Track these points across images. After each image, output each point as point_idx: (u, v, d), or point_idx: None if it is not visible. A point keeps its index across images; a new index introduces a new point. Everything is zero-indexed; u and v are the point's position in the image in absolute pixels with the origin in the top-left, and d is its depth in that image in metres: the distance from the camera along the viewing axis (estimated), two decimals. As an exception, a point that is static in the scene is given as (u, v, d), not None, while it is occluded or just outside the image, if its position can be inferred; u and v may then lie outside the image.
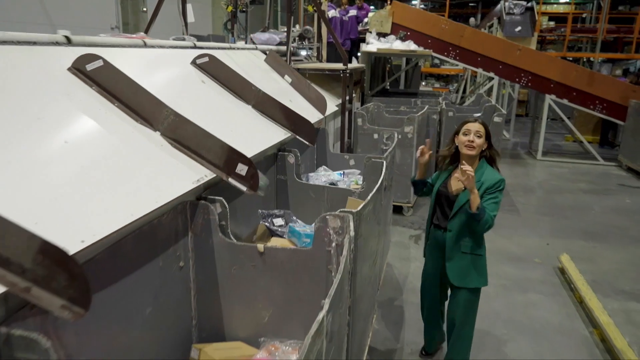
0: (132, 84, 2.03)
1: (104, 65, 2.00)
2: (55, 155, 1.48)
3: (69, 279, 1.07)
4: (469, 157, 2.42)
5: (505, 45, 8.17)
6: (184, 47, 3.13)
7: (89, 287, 1.09)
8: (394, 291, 3.66)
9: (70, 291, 1.08)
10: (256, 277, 2.00)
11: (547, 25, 15.80)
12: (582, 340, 3.08)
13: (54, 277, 1.06)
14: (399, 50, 6.60)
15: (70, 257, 1.06)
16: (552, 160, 8.38)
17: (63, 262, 1.06)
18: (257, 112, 2.98)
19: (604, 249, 4.53)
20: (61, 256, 1.06)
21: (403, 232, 4.90)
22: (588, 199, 6.19)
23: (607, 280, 3.89)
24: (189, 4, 5.01)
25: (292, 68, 4.23)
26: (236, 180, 2.05)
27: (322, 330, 1.15)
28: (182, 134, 2.00)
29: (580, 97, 8.08)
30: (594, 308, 3.25)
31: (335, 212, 1.87)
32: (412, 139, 5.16)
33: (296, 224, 2.27)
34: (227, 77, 3.00)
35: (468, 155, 2.42)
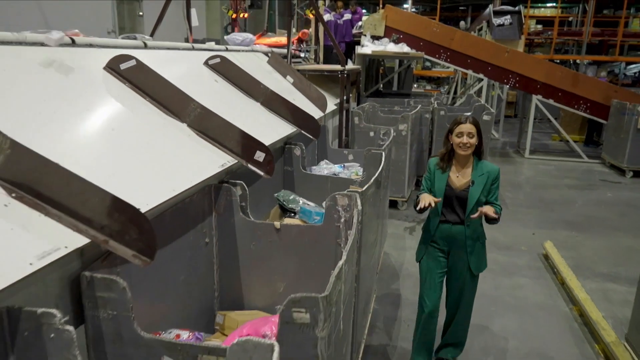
0: (162, 81, 2.29)
1: (137, 64, 2.25)
2: (108, 139, 1.74)
3: (140, 233, 1.33)
4: (464, 156, 2.57)
5: (494, 47, 8.51)
6: (197, 49, 3.39)
7: (155, 241, 1.35)
8: (391, 276, 3.94)
9: (140, 243, 1.34)
10: (273, 251, 2.26)
11: (535, 28, 16.23)
12: (563, 315, 3.38)
13: (127, 231, 1.32)
14: (392, 52, 6.91)
15: (142, 214, 1.33)
16: (539, 158, 8.73)
17: (135, 218, 1.32)
18: (265, 109, 3.25)
19: (585, 238, 4.85)
20: (134, 213, 1.32)
21: (398, 224, 5.18)
22: (572, 193, 6.52)
23: (587, 264, 4.20)
24: (193, 9, 5.27)
25: (294, 69, 4.50)
26: (254, 166, 2.32)
27: (341, 275, 1.42)
28: (207, 125, 2.27)
29: (565, 97, 8.44)
30: (573, 287, 3.55)
31: (343, 192, 2.14)
32: (406, 136, 5.45)
33: (307, 205, 2.54)
34: (236, 76, 3.27)
35: (463, 155, 2.56)
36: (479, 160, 2.62)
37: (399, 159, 5.50)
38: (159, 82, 2.28)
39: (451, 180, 2.61)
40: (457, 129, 2.56)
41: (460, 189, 2.59)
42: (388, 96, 8.20)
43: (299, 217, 2.49)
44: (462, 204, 2.58)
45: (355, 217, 1.96)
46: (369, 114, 6.00)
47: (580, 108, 8.52)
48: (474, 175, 2.58)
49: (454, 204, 2.60)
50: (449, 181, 2.61)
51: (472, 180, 2.57)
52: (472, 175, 2.58)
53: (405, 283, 3.83)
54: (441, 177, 2.63)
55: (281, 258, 2.26)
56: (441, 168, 2.64)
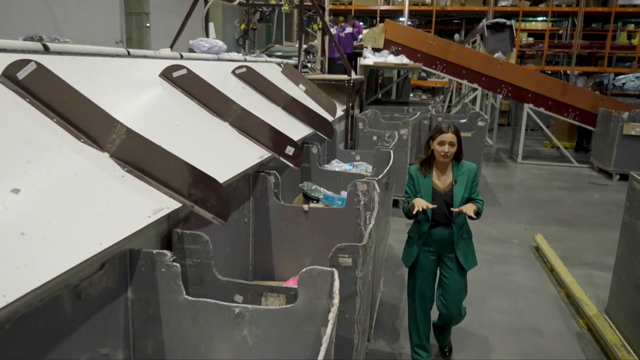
0: (208, 86, 2.70)
1: (188, 73, 2.66)
2: (177, 133, 2.14)
3: (218, 200, 1.72)
4: (443, 162, 2.69)
5: (487, 59, 9.00)
6: (223, 60, 3.81)
7: (229, 207, 1.74)
8: (396, 264, 4.33)
9: (218, 208, 1.73)
10: (301, 231, 2.65)
11: (527, 41, 16.80)
12: (551, 296, 3.78)
13: (208, 198, 1.71)
14: (393, 63, 7.37)
15: (221, 185, 1.72)
16: (531, 163, 9.18)
17: (215, 188, 1.72)
18: (286, 112, 3.67)
19: (573, 232, 5.27)
20: (214, 184, 1.71)
21: (400, 221, 5.56)
22: (562, 194, 6.96)
23: (574, 255, 4.61)
24: (211, 23, 5.71)
25: (306, 78, 4.93)
26: (285, 159, 2.72)
27: (372, 234, 1.82)
28: (246, 124, 2.67)
29: (555, 106, 8.92)
30: (561, 272, 3.96)
31: (362, 179, 2.54)
32: (407, 140, 5.87)
33: (328, 193, 2.94)
34: (260, 84, 3.69)
35: (443, 162, 2.69)
36: (459, 163, 2.72)
37: (400, 161, 5.90)
38: (205, 87, 2.69)
39: (435, 184, 2.70)
40: (440, 137, 2.63)
41: (445, 191, 2.69)
42: (387, 104, 8.65)
43: (322, 202, 2.88)
44: (447, 204, 2.67)
45: (376, 199, 2.35)
46: (371, 120, 6.42)
47: (570, 116, 9.00)
48: (455, 175, 2.70)
49: (441, 206, 2.67)
50: (433, 185, 2.70)
51: (455, 180, 2.68)
52: (453, 175, 2.70)
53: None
54: (425, 182, 2.71)
55: (308, 236, 2.65)
56: (422, 174, 2.72)
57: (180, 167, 1.69)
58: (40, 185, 1.24)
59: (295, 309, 1.43)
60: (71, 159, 1.44)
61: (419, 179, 2.73)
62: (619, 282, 3.14)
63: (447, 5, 14.57)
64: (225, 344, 1.47)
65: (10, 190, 1.14)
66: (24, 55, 1.59)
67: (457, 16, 16.62)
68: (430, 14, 14.53)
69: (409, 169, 2.82)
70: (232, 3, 6.26)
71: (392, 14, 14.61)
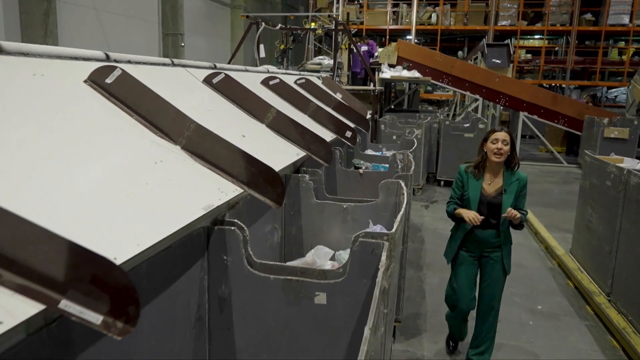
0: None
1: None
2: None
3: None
4: (497, 163, 2.67)
5: (487, 73, 10.35)
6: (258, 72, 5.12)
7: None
8: (413, 230, 5.60)
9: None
10: (357, 189, 3.92)
11: (525, 57, 18.21)
12: (534, 248, 5.03)
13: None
14: (406, 77, 8.72)
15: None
16: (527, 164, 10.45)
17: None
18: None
19: (556, 211, 6.53)
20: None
21: (415, 204, 6.85)
22: (551, 186, 8.22)
23: (554, 224, 5.86)
24: (261, 44, 7.08)
25: (342, 88, 6.26)
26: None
27: (409, 204, 3.09)
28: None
29: (546, 114, 10.23)
30: (542, 233, 5.22)
31: (399, 151, 3.83)
32: (421, 139, 7.18)
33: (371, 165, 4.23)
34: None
35: (496, 162, 2.67)
36: (508, 169, 2.73)
37: (415, 157, 7.19)
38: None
39: (483, 188, 2.72)
40: (493, 136, 2.68)
41: (491, 196, 2.70)
42: (401, 112, 9.99)
43: (371, 169, 4.17)
44: (493, 210, 2.68)
45: (413, 165, 3.63)
46: (390, 123, 7.74)
47: (560, 122, 10.30)
48: (505, 183, 2.69)
49: (485, 210, 2.70)
50: (481, 189, 2.72)
51: (505, 189, 2.68)
52: (504, 183, 2.70)
53: (426, 235, 5.49)
54: (475, 184, 2.73)
55: (364, 192, 3.92)
56: (474, 175, 2.74)
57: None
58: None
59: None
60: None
61: (470, 180, 2.76)
62: (578, 228, 4.40)
63: (451, 24, 15.97)
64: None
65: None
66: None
67: (460, 34, 18.05)
68: (436, 33, 15.92)
69: (459, 168, 2.87)
70: (275, 28, 7.63)
71: (400, 33, 16.02)
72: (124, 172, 1.35)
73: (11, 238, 0.82)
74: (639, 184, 3.19)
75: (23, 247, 0.83)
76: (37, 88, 1.35)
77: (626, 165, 3.71)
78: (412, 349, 3.11)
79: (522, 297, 3.89)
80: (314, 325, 1.74)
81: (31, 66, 1.41)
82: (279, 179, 1.95)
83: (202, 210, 1.49)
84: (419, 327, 3.40)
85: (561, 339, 3.30)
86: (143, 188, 1.35)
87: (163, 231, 1.25)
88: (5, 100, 1.21)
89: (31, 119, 1.24)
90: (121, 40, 10.25)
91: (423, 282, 4.25)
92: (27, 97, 1.30)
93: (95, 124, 1.45)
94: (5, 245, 0.80)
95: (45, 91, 1.38)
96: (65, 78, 1.53)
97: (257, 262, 1.78)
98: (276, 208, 1.94)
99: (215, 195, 1.60)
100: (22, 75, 1.34)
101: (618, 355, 3.10)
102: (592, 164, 4.18)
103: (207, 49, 15.26)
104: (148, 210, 1.29)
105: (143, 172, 1.41)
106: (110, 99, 1.60)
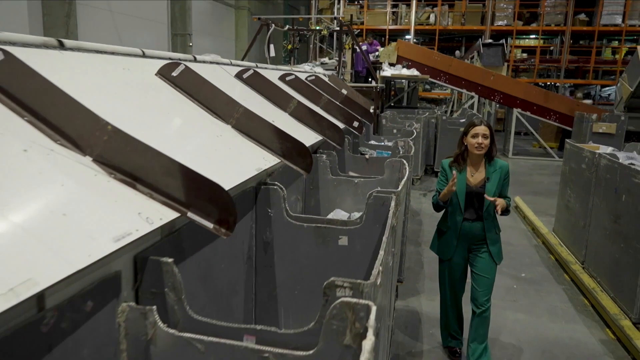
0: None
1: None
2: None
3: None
4: (477, 156, 2.75)
5: (482, 72, 10.87)
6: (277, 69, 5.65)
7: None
8: (413, 214, 6.13)
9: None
10: (364, 172, 4.44)
11: (521, 56, 18.75)
12: (521, 230, 5.57)
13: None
14: (406, 75, 9.23)
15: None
16: (520, 158, 11.00)
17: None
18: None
19: (544, 199, 7.06)
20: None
21: (414, 192, 7.38)
22: (542, 178, 8.76)
23: (542, 210, 6.39)
24: (272, 44, 7.58)
25: (347, 85, 6.77)
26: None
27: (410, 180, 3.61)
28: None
29: (539, 110, 10.76)
30: (530, 217, 5.75)
31: (401, 137, 4.35)
32: (419, 132, 7.70)
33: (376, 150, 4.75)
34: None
35: (477, 155, 2.74)
36: (492, 159, 2.80)
37: (414, 148, 7.73)
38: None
39: (467, 179, 2.79)
40: (473, 131, 2.73)
41: (476, 186, 2.77)
42: (400, 108, 10.51)
43: (376, 154, 4.69)
44: (479, 200, 2.75)
45: (412, 148, 4.16)
46: (390, 118, 8.26)
47: (552, 118, 10.83)
48: (488, 172, 2.77)
49: (472, 201, 2.76)
50: (466, 181, 2.78)
51: (487, 177, 2.75)
52: (486, 172, 2.77)
53: (424, 218, 6.01)
54: (459, 177, 2.76)
55: (369, 174, 4.43)
56: (457, 168, 2.81)
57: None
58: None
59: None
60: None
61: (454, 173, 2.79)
62: (559, 208, 4.94)
63: (449, 24, 16.47)
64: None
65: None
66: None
67: (458, 34, 18.57)
68: (434, 33, 16.42)
69: (442, 163, 2.96)
70: (283, 29, 8.14)
71: (399, 33, 16.54)
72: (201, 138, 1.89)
73: (158, 168, 1.24)
74: (607, 165, 3.72)
75: (164, 175, 1.24)
76: (128, 79, 1.85)
77: (599, 151, 4.24)
78: (412, 305, 3.64)
79: (508, 267, 4.41)
80: (337, 263, 2.25)
81: (118, 62, 1.91)
82: (308, 151, 2.46)
83: (255, 171, 2.02)
84: (417, 289, 3.92)
85: (540, 298, 3.83)
86: (215, 152, 1.87)
87: (237, 179, 1.78)
88: (128, 90, 1.73)
89: (145, 100, 1.77)
90: (133, 40, 10.78)
91: (421, 255, 4.78)
92: (131, 86, 1.81)
93: (170, 107, 1.94)
94: (152, 173, 1.23)
95: (134, 81, 1.88)
96: (142, 72, 2.05)
97: (293, 214, 2.30)
98: (306, 175, 2.38)
99: (262, 162, 2.14)
100: (116, 70, 1.84)
101: (587, 310, 3.63)
102: (571, 150, 4.71)
103: (213, 49, 15.73)
104: (224, 164, 1.82)
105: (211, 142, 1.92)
106: (176, 89, 2.08)
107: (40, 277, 0.82)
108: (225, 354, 1.16)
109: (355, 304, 1.09)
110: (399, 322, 3.37)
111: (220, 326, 1.26)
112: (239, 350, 1.15)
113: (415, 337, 3.25)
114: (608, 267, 3.59)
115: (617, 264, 3.39)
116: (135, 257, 1.32)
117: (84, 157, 1.23)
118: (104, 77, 1.71)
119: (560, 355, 3.04)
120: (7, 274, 0.78)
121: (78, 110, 1.28)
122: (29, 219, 0.93)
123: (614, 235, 3.45)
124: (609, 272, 3.58)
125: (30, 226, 0.92)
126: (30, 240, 0.90)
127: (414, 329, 3.33)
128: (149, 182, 1.26)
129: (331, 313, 1.10)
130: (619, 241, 3.36)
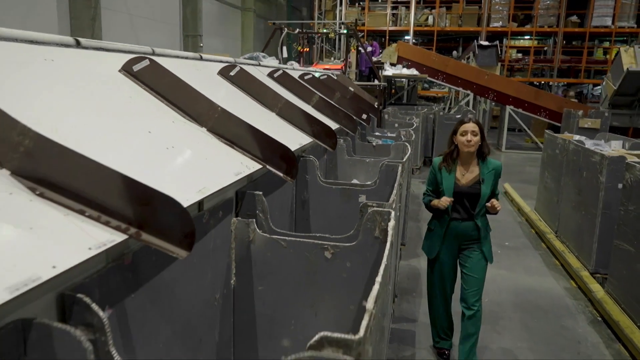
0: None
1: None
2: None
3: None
4: (468, 154, 2.70)
5: (477, 71, 11.63)
6: (294, 69, 6.41)
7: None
8: (414, 197, 6.89)
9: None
10: (372, 156, 5.19)
11: (515, 56, 19.53)
12: (508, 210, 6.33)
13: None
14: (406, 74, 9.99)
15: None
16: (513, 152, 11.76)
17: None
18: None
19: (531, 186, 7.79)
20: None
21: (414, 180, 8.15)
22: (531, 168, 9.53)
23: (529, 195, 7.13)
24: (284, 46, 8.34)
25: (354, 83, 7.53)
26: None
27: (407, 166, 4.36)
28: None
29: (530, 107, 11.53)
30: (516, 199, 6.52)
31: (403, 128, 5.11)
32: (418, 127, 8.45)
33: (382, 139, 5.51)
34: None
35: (468, 153, 2.69)
36: (485, 159, 2.75)
37: (414, 140, 8.49)
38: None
39: (457, 179, 2.75)
40: (462, 128, 2.70)
41: (466, 186, 2.72)
42: (401, 105, 11.28)
43: (382, 142, 5.46)
44: (470, 200, 2.71)
45: (413, 136, 4.91)
46: (391, 114, 9.02)
47: (542, 115, 11.60)
48: (482, 173, 2.73)
49: (462, 201, 2.73)
50: (455, 180, 2.74)
51: (482, 179, 2.71)
52: (481, 173, 2.73)
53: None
54: (448, 176, 2.76)
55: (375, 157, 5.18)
56: (446, 168, 2.78)
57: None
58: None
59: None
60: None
61: (443, 173, 2.80)
62: (539, 189, 5.71)
63: (447, 26, 17.20)
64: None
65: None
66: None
67: (455, 35, 19.32)
68: (432, 34, 17.14)
69: (433, 161, 2.96)
70: (294, 32, 8.89)
71: (398, 34, 17.27)
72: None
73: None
74: (574, 149, 4.48)
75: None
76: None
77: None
78: (413, 264, 4.41)
79: (495, 238, 5.07)
80: (358, 215, 3.00)
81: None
82: (333, 133, 3.21)
83: (296, 145, 2.77)
84: (417, 254, 4.69)
85: (520, 260, 4.59)
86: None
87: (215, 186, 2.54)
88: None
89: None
90: (148, 40, 11.58)
91: (420, 229, 5.55)
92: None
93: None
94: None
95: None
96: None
97: (323, 180, 3.05)
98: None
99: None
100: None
101: (557, 268, 4.39)
102: (548, 139, 5.48)
103: (222, 49, 16.55)
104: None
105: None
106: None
107: (208, 184, 1.46)
108: (298, 247, 1.91)
109: (381, 211, 1.85)
110: (402, 276, 4.14)
111: (291, 234, 2.02)
112: (307, 244, 1.90)
113: (415, 283, 4.02)
114: (574, 232, 4.35)
115: (580, 228, 4.15)
116: (237, 191, 2.07)
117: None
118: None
119: (531, 297, 3.81)
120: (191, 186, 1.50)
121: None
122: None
123: (578, 205, 4.21)
124: (575, 237, 4.34)
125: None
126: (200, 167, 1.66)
127: (414, 278, 4.10)
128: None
129: (366, 217, 1.86)
130: (581, 210, 4.12)
